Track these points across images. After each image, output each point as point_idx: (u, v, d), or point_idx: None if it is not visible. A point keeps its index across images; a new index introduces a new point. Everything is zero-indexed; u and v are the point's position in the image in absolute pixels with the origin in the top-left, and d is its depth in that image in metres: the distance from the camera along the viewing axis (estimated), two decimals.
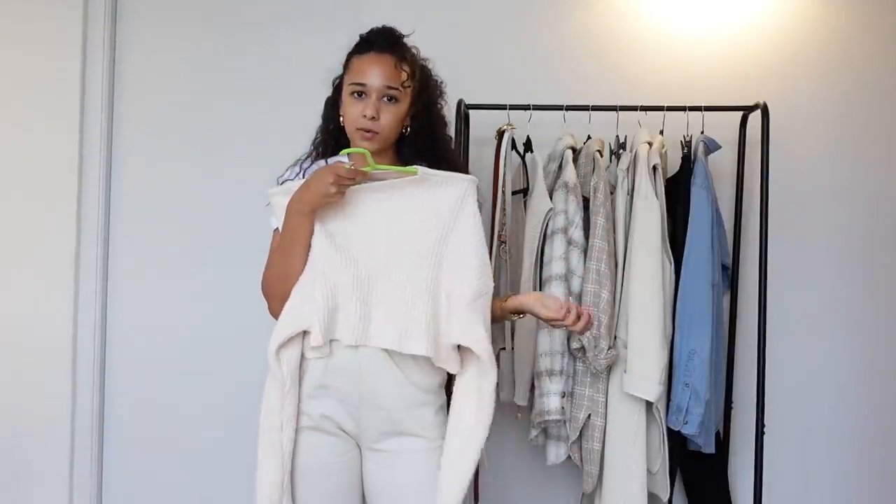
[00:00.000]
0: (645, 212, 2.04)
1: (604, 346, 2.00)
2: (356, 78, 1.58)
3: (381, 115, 1.56)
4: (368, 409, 1.55)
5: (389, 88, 1.56)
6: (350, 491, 1.60)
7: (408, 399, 1.55)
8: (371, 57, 1.58)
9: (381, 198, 1.55)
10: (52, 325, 2.55)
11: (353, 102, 1.58)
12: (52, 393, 2.56)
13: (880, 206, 2.47)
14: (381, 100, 1.56)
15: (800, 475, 2.49)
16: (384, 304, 1.52)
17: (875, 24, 2.46)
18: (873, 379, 2.48)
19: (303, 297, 1.53)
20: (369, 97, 1.56)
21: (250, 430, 2.58)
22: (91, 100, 2.57)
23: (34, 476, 2.56)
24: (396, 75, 1.57)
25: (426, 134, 1.64)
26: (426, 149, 1.63)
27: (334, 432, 1.57)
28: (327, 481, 1.57)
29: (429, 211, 1.55)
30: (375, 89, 1.56)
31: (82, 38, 2.55)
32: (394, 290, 1.52)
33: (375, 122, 1.56)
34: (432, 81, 1.68)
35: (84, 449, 2.59)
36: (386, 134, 1.58)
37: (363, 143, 1.57)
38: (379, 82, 1.56)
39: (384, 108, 1.56)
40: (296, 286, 1.54)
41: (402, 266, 1.53)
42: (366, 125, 1.56)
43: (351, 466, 1.59)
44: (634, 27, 2.50)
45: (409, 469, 1.56)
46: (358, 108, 1.56)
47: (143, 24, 2.61)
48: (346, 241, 1.54)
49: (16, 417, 2.56)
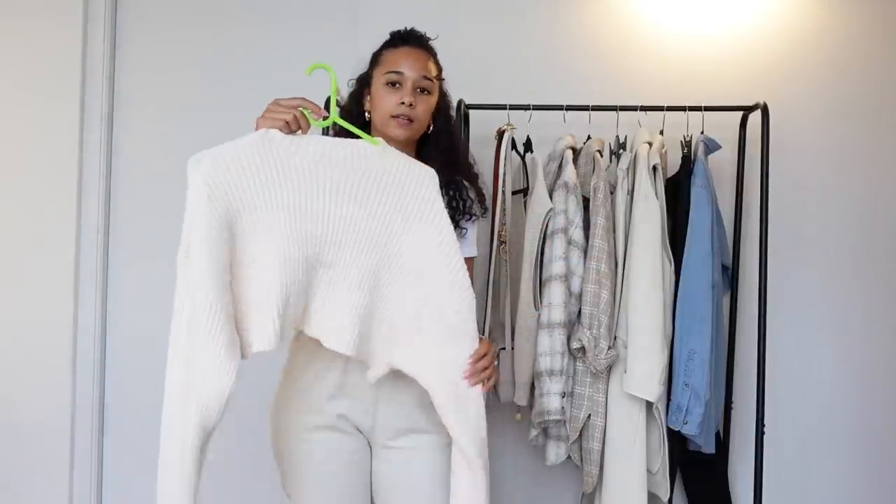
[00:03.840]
0: (645, 212, 2.04)
1: (604, 346, 2.00)
2: (392, 67, 1.59)
3: (417, 105, 1.57)
4: (386, 406, 1.55)
5: (425, 79, 1.59)
6: (360, 489, 1.60)
7: (424, 397, 1.55)
8: (406, 50, 1.62)
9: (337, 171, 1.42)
10: (52, 325, 2.55)
11: (388, 92, 1.58)
12: (52, 393, 2.56)
13: (880, 206, 2.47)
14: (416, 90, 1.58)
15: (800, 475, 2.49)
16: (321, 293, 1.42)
17: (875, 23, 2.46)
18: (873, 379, 2.48)
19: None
20: (405, 86, 1.57)
21: (250, 429, 2.59)
22: (91, 100, 2.57)
23: (34, 476, 2.56)
24: (432, 67, 1.62)
25: (447, 134, 1.67)
26: (448, 149, 1.66)
27: (349, 431, 1.57)
28: (338, 479, 1.57)
29: (387, 196, 1.44)
30: (412, 78, 1.58)
31: (82, 38, 2.55)
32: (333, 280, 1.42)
33: (412, 110, 1.57)
34: (444, 81, 1.71)
35: (84, 449, 2.59)
36: (420, 123, 1.60)
37: (398, 131, 1.57)
38: (415, 72, 1.58)
39: (419, 97, 1.58)
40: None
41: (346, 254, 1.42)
42: (404, 111, 1.56)
43: (362, 465, 1.60)
44: (634, 27, 2.50)
45: (422, 465, 1.57)
46: (394, 97, 1.57)
47: (143, 24, 2.61)
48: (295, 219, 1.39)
49: (16, 417, 2.56)
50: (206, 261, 1.30)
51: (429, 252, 1.44)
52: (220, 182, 1.33)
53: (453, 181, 1.66)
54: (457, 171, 1.67)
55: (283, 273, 1.35)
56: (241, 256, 1.35)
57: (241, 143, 1.38)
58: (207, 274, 1.30)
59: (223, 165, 1.34)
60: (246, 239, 1.36)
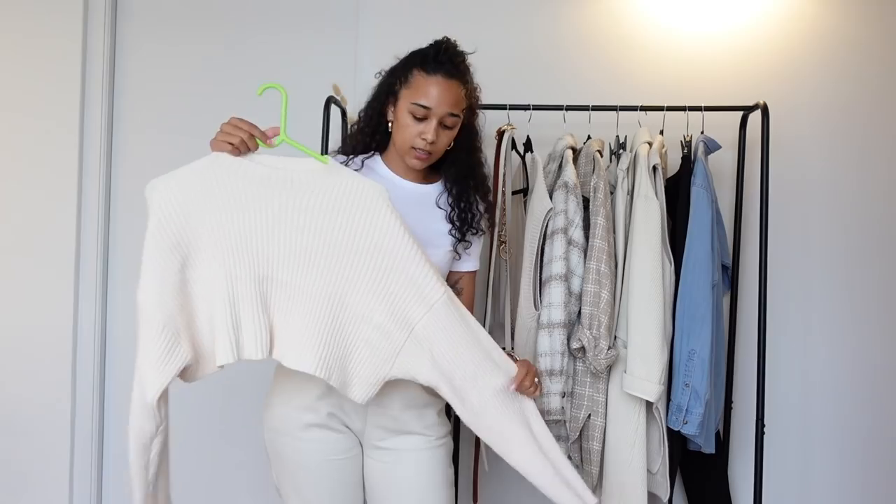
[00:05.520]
0: (645, 212, 2.04)
1: (604, 346, 2.00)
2: (421, 99, 1.54)
3: (438, 139, 1.57)
4: (374, 408, 1.57)
5: (452, 116, 1.56)
6: (352, 488, 1.61)
7: (412, 401, 1.59)
8: (439, 80, 1.55)
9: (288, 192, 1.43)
10: (52, 324, 2.55)
11: (411, 122, 1.56)
12: (52, 393, 2.56)
13: (880, 206, 2.47)
14: (440, 125, 1.56)
15: (800, 475, 2.49)
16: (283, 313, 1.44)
17: (875, 23, 2.46)
18: (873, 379, 2.48)
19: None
20: (430, 121, 1.55)
21: (250, 429, 2.59)
22: (91, 100, 2.57)
23: (34, 476, 2.56)
24: (460, 103, 1.57)
25: (468, 150, 1.66)
26: (466, 165, 1.66)
27: (340, 429, 1.58)
28: (330, 477, 1.58)
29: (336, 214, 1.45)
30: (438, 115, 1.55)
31: (82, 38, 2.55)
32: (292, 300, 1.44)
33: (432, 146, 1.56)
34: (474, 94, 1.67)
35: (84, 449, 2.59)
36: (438, 154, 1.61)
37: (414, 162, 1.58)
38: (444, 109, 1.54)
39: (442, 132, 1.57)
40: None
41: (300, 274, 1.43)
42: (424, 147, 1.56)
43: (355, 463, 1.61)
44: (634, 27, 2.50)
45: (411, 467, 1.59)
46: (416, 129, 1.55)
47: (143, 24, 2.61)
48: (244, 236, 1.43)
49: (16, 417, 2.56)
50: (152, 284, 1.37)
51: (389, 266, 1.44)
52: (171, 209, 1.39)
53: (465, 195, 1.66)
54: (470, 186, 1.67)
55: (231, 289, 1.40)
56: (194, 276, 1.40)
57: (192, 167, 1.42)
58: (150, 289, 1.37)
59: (175, 190, 1.40)
60: (197, 260, 1.40)
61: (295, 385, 1.57)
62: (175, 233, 1.39)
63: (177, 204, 1.39)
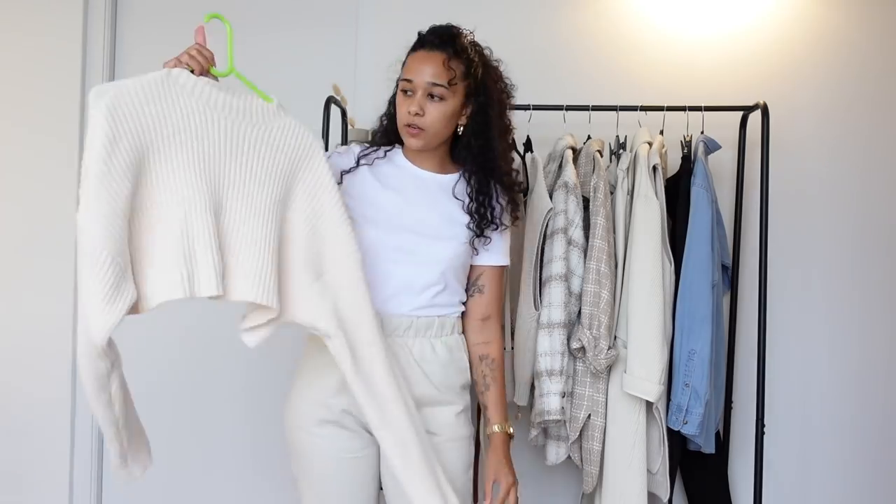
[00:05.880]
0: (645, 212, 2.04)
1: (604, 346, 2.00)
2: (405, 74, 1.57)
3: (427, 112, 1.54)
4: None
5: (434, 86, 1.53)
6: (364, 486, 1.60)
7: (425, 399, 1.58)
8: (421, 54, 1.56)
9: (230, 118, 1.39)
10: (52, 325, 2.55)
11: (401, 100, 1.57)
12: (52, 394, 2.56)
13: (880, 206, 2.47)
14: (426, 97, 1.54)
15: (800, 475, 2.49)
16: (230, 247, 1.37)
17: (875, 23, 2.46)
18: (873, 378, 2.48)
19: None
20: (415, 94, 1.54)
21: (250, 429, 2.59)
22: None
23: (34, 477, 2.56)
24: (444, 73, 1.53)
25: (480, 136, 1.60)
26: (481, 152, 1.60)
27: (353, 428, 1.58)
28: (342, 474, 1.58)
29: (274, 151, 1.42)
30: (420, 86, 1.54)
31: (82, 38, 2.55)
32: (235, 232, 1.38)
33: (420, 119, 1.54)
34: (495, 84, 1.62)
35: (84, 449, 2.59)
36: (433, 131, 1.56)
37: (410, 140, 1.57)
38: (423, 79, 1.53)
39: (430, 105, 1.54)
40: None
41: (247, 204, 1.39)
42: (410, 121, 1.55)
43: (367, 463, 1.60)
44: (635, 27, 2.50)
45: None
46: (405, 105, 1.56)
47: (143, 24, 2.61)
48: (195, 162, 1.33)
49: (16, 418, 2.56)
50: (98, 202, 1.20)
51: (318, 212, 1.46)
52: (125, 125, 1.24)
53: (484, 186, 1.62)
54: (490, 176, 1.62)
55: (185, 218, 1.29)
56: (143, 201, 1.27)
57: (144, 79, 1.30)
58: (97, 217, 1.20)
59: (128, 104, 1.26)
60: (149, 184, 1.28)
61: (312, 380, 1.59)
62: (129, 151, 1.24)
63: (131, 119, 1.25)
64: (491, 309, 1.69)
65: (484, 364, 1.67)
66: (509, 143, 1.69)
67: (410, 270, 1.58)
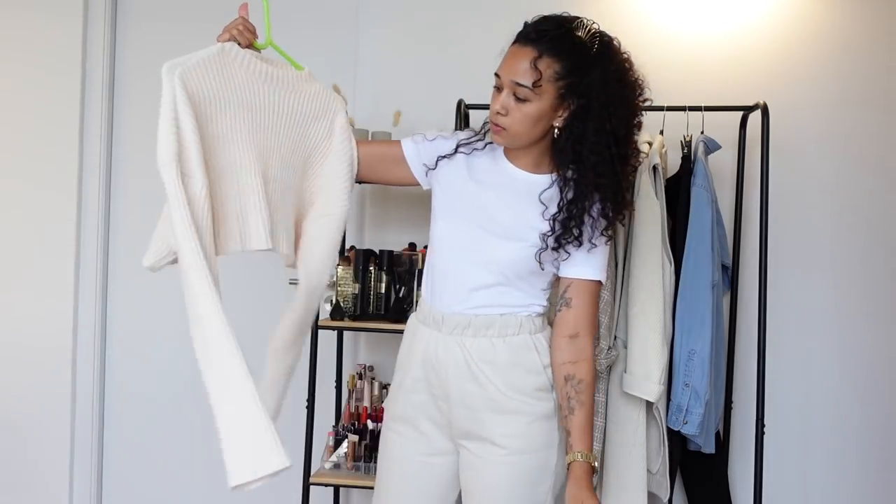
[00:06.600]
0: (645, 212, 2.04)
1: (604, 346, 2.00)
2: (498, 68, 1.46)
3: (510, 112, 1.43)
4: (457, 407, 1.50)
5: (518, 86, 1.41)
6: (434, 490, 1.56)
7: (490, 403, 1.48)
8: (513, 49, 1.44)
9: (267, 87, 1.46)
10: (52, 325, 2.55)
11: (494, 93, 1.47)
12: (52, 393, 2.56)
13: (880, 206, 2.47)
14: (511, 96, 1.42)
15: (800, 475, 2.49)
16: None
17: (875, 23, 2.46)
18: (873, 379, 2.48)
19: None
20: (502, 90, 1.44)
21: None
22: (91, 98, 2.57)
23: (34, 476, 2.56)
24: (530, 73, 1.39)
25: (576, 141, 1.43)
26: (574, 159, 1.44)
27: (424, 430, 1.54)
28: (404, 473, 1.56)
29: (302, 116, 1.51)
30: (507, 84, 1.43)
31: (82, 38, 2.55)
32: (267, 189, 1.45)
33: (502, 118, 1.44)
34: (605, 86, 1.42)
35: (84, 449, 2.59)
36: (514, 132, 1.44)
37: (493, 137, 1.49)
38: (508, 77, 1.42)
39: (514, 105, 1.42)
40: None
41: (285, 172, 1.47)
42: (493, 119, 1.45)
43: (439, 468, 1.55)
44: (635, 27, 2.49)
45: (483, 477, 1.50)
46: (493, 101, 1.46)
47: (143, 24, 2.61)
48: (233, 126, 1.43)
49: (16, 417, 2.56)
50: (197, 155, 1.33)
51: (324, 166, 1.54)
52: (192, 89, 1.34)
53: (579, 199, 1.45)
54: (585, 186, 1.44)
55: (237, 180, 1.39)
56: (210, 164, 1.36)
57: (203, 54, 1.38)
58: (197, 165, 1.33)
59: (196, 77, 1.35)
60: (211, 149, 1.37)
61: (395, 376, 1.60)
62: (194, 117, 1.34)
63: (196, 88, 1.35)
64: (580, 326, 1.51)
65: (569, 385, 1.48)
66: (627, 156, 1.47)
67: (469, 268, 1.50)
